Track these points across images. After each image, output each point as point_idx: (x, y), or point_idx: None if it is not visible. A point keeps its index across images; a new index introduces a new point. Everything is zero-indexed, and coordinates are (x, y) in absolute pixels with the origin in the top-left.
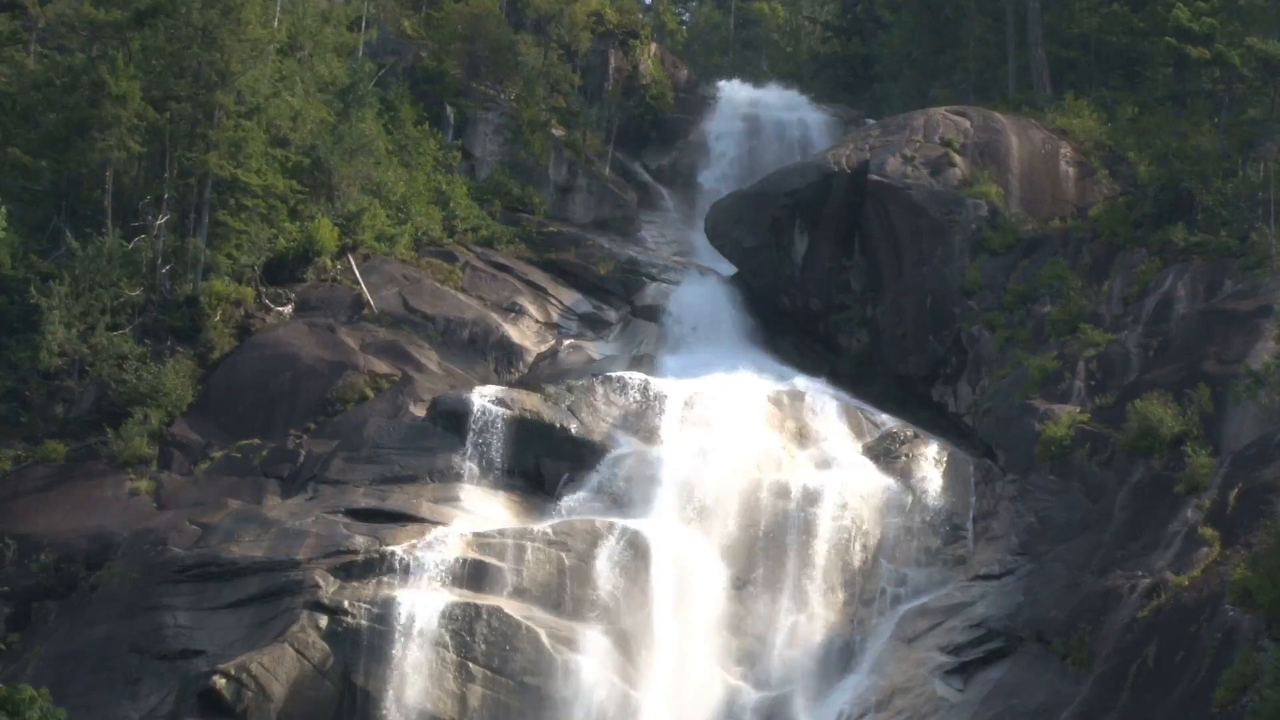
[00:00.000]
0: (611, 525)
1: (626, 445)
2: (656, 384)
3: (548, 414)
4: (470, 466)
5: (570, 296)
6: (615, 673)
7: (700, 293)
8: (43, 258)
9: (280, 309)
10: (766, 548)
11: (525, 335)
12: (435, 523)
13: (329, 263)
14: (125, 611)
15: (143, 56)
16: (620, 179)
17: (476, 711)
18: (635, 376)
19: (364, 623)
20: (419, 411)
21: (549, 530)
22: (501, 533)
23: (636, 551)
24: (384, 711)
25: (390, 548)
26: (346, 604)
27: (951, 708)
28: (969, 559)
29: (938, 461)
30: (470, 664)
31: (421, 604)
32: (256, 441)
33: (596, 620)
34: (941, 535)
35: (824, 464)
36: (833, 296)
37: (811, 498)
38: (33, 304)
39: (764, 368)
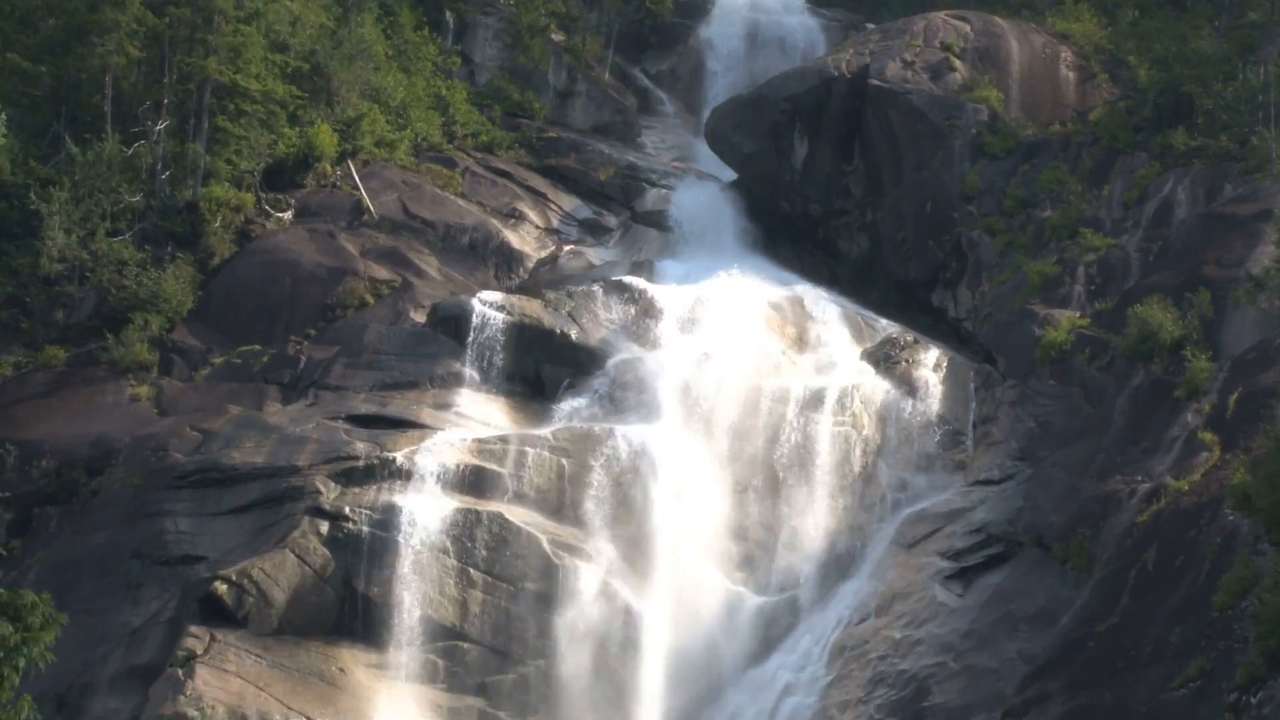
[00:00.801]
0: (611, 431)
1: (626, 351)
2: (656, 290)
3: (548, 320)
4: (470, 372)
5: (570, 202)
6: (615, 578)
7: (700, 198)
8: (43, 163)
9: (280, 215)
10: (766, 453)
11: (525, 241)
12: (435, 428)
13: (329, 168)
14: (126, 517)
15: None
16: (620, 84)
17: (477, 617)
18: (635, 282)
19: (365, 529)
20: (419, 317)
21: (549, 436)
22: (502, 439)
23: (636, 457)
24: (385, 617)
25: (391, 454)
26: (347, 510)
27: (951, 612)
28: (969, 464)
29: (938, 367)
30: (471, 570)
31: (422, 510)
32: (257, 347)
33: (596, 526)
34: (941, 441)
35: (824, 369)
36: (832, 202)
37: (812, 403)
38: (33, 210)
39: (764, 273)
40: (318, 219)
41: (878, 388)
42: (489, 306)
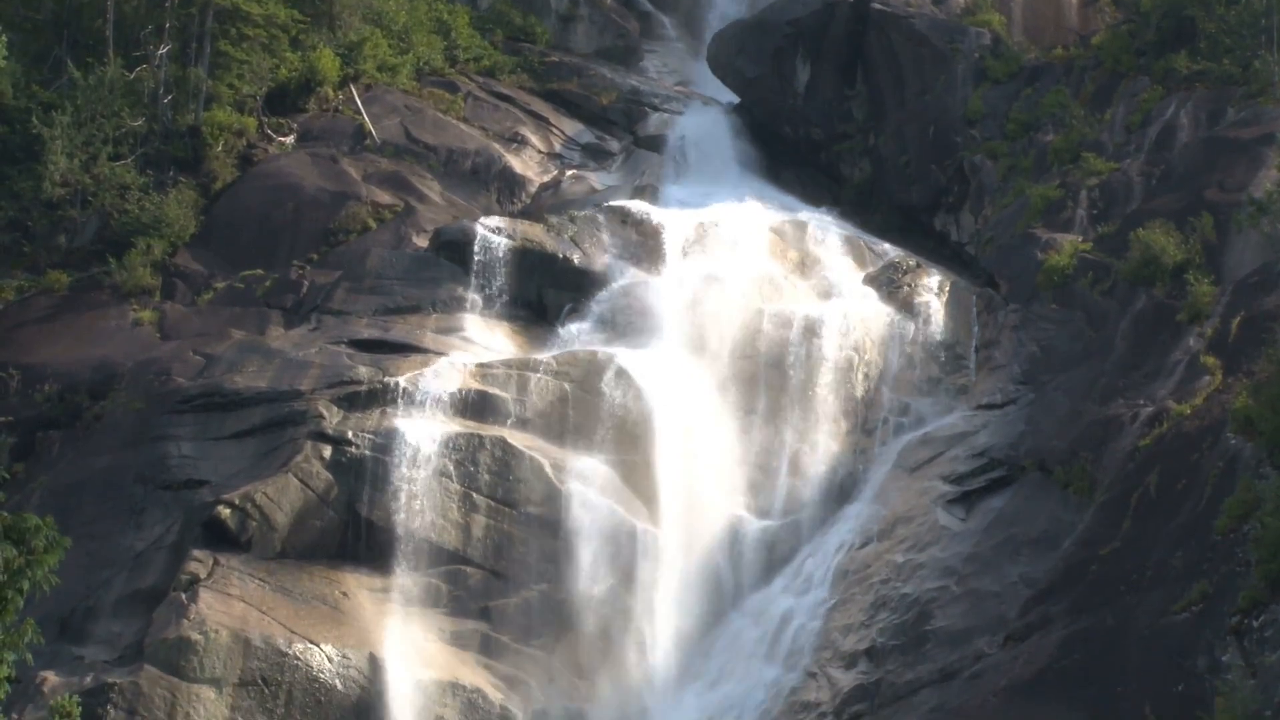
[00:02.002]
0: (614, 355)
1: (628, 275)
2: (659, 214)
3: (550, 244)
4: (473, 297)
5: (572, 127)
6: (618, 502)
7: (702, 123)
8: (44, 88)
9: (282, 139)
10: (769, 378)
11: (527, 165)
12: (438, 353)
13: (331, 93)
14: (129, 441)
15: None
16: (622, 8)
17: (480, 541)
18: (637, 207)
19: (367, 453)
20: (421, 242)
21: (551, 360)
22: (504, 363)
23: (639, 381)
24: (388, 541)
25: (393, 378)
26: (350, 434)
27: (953, 536)
28: (971, 388)
29: (940, 291)
30: (474, 494)
31: (425, 434)
32: (259, 272)
33: (599, 450)
34: (944, 365)
35: (826, 294)
36: (835, 126)
37: (814, 327)
38: (35, 134)
39: (766, 198)
40: (320, 143)
41: (880, 312)
42: (491, 231)
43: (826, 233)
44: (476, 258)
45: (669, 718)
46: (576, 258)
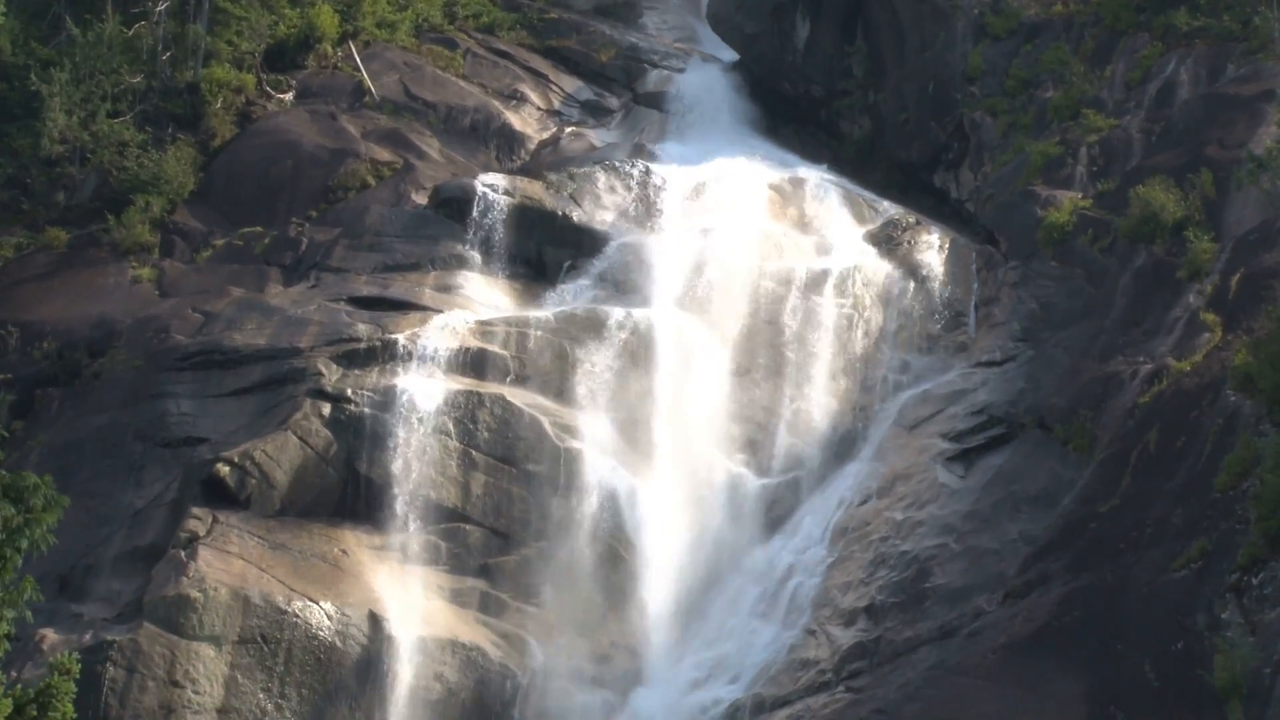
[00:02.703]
0: (613, 313)
1: (628, 233)
2: (658, 171)
3: (549, 201)
4: (472, 254)
5: (571, 83)
6: (617, 460)
7: (702, 80)
8: (43, 44)
9: (281, 96)
10: (768, 335)
11: (527, 123)
12: (437, 310)
13: (329, 50)
14: (128, 399)
15: None
16: None
17: (479, 499)
18: (637, 164)
19: (367, 410)
20: (420, 199)
21: (551, 318)
22: (504, 320)
23: (638, 339)
24: (387, 499)
25: (393, 335)
26: (349, 392)
27: (953, 494)
28: (970, 346)
29: (940, 248)
30: (473, 451)
31: (424, 392)
32: (258, 229)
33: (598, 408)
34: (943, 322)
35: (826, 251)
36: (834, 83)
37: (813, 285)
38: (33, 91)
39: (766, 155)
40: (319, 100)
41: (879, 269)
42: (490, 188)
43: (826, 190)
44: (476, 215)
45: (668, 675)
46: (576, 215)
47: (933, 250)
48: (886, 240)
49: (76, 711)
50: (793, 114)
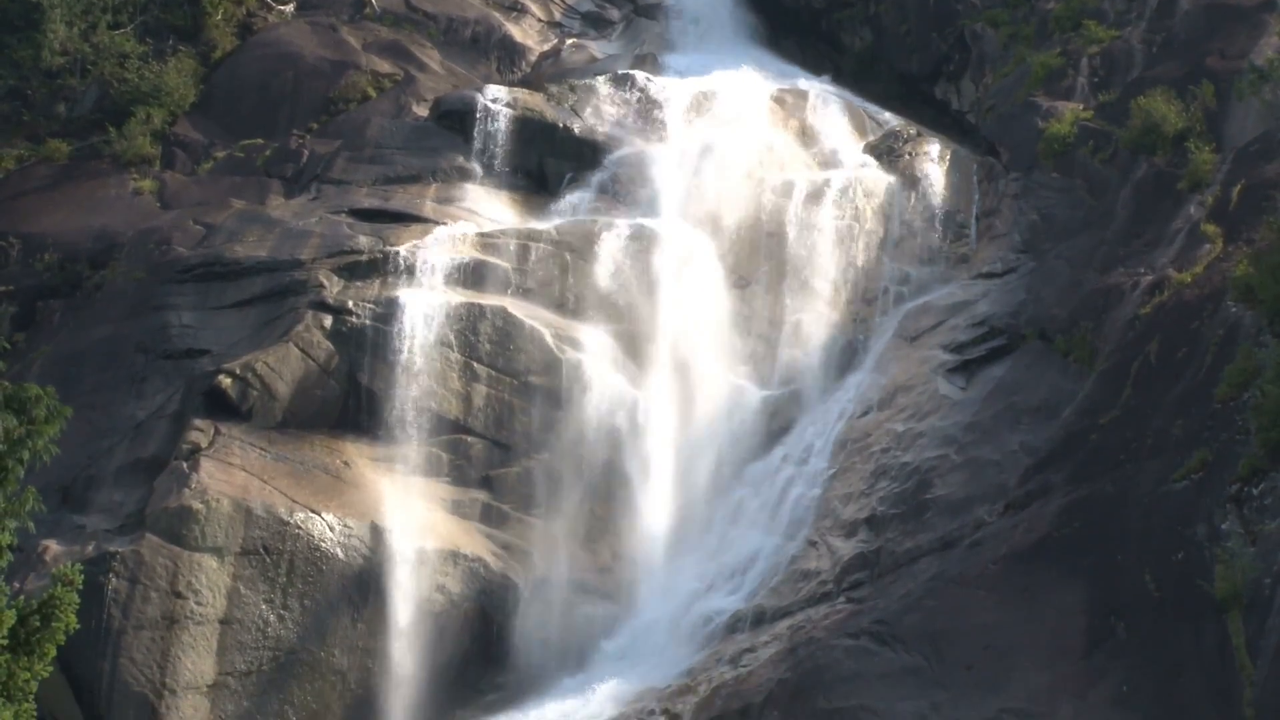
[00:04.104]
0: (614, 225)
1: (629, 145)
2: (659, 83)
3: (550, 113)
4: (473, 166)
5: None
6: (619, 372)
7: None
8: None
9: (281, 8)
10: (769, 247)
11: (527, 34)
12: (438, 222)
13: None
14: (130, 311)
15: None
16: None
17: (481, 410)
18: (638, 76)
19: (368, 322)
20: (421, 111)
21: (552, 230)
22: (505, 232)
23: (639, 251)
24: (389, 410)
25: (394, 248)
26: (351, 304)
27: (954, 405)
28: (971, 257)
29: (941, 159)
30: (474, 363)
31: (425, 304)
32: (259, 141)
33: (600, 320)
34: (944, 233)
35: (827, 163)
36: None
37: (814, 197)
38: (34, 2)
39: (767, 67)
40: (319, 12)
41: (880, 181)
42: (491, 100)
43: (827, 101)
44: (477, 127)
45: (669, 587)
46: (577, 127)
47: (934, 162)
48: (887, 152)
49: (79, 622)
50: (793, 25)
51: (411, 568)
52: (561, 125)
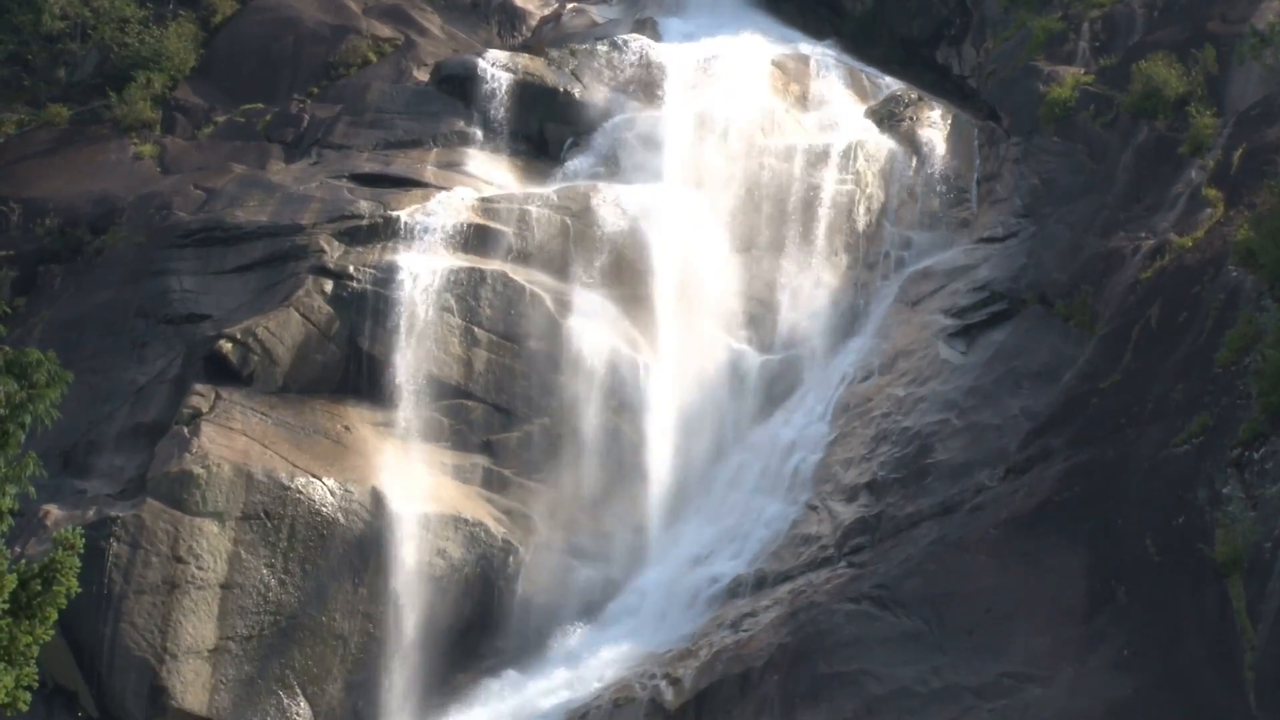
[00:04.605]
0: (614, 190)
1: (629, 110)
2: (659, 48)
3: (551, 78)
4: (474, 131)
5: None
6: (619, 337)
7: None
8: None
9: None
10: (770, 212)
11: None
12: (439, 187)
13: None
14: (131, 276)
15: None
16: None
17: (481, 375)
18: (638, 40)
19: (369, 287)
20: (422, 76)
21: (552, 195)
22: (506, 197)
23: (640, 216)
24: (390, 375)
25: (394, 212)
26: (351, 269)
27: (954, 370)
28: (972, 222)
29: (942, 124)
30: (475, 328)
31: (426, 268)
32: (260, 106)
33: (600, 285)
34: (945, 198)
35: (828, 127)
36: None
37: (815, 161)
38: None
39: (768, 31)
40: None
41: (881, 145)
42: (492, 65)
43: (828, 66)
44: (477, 91)
45: (670, 551)
46: (577, 92)
47: (935, 126)
48: (889, 116)
49: (81, 586)
50: None
51: (412, 532)
52: (562, 90)
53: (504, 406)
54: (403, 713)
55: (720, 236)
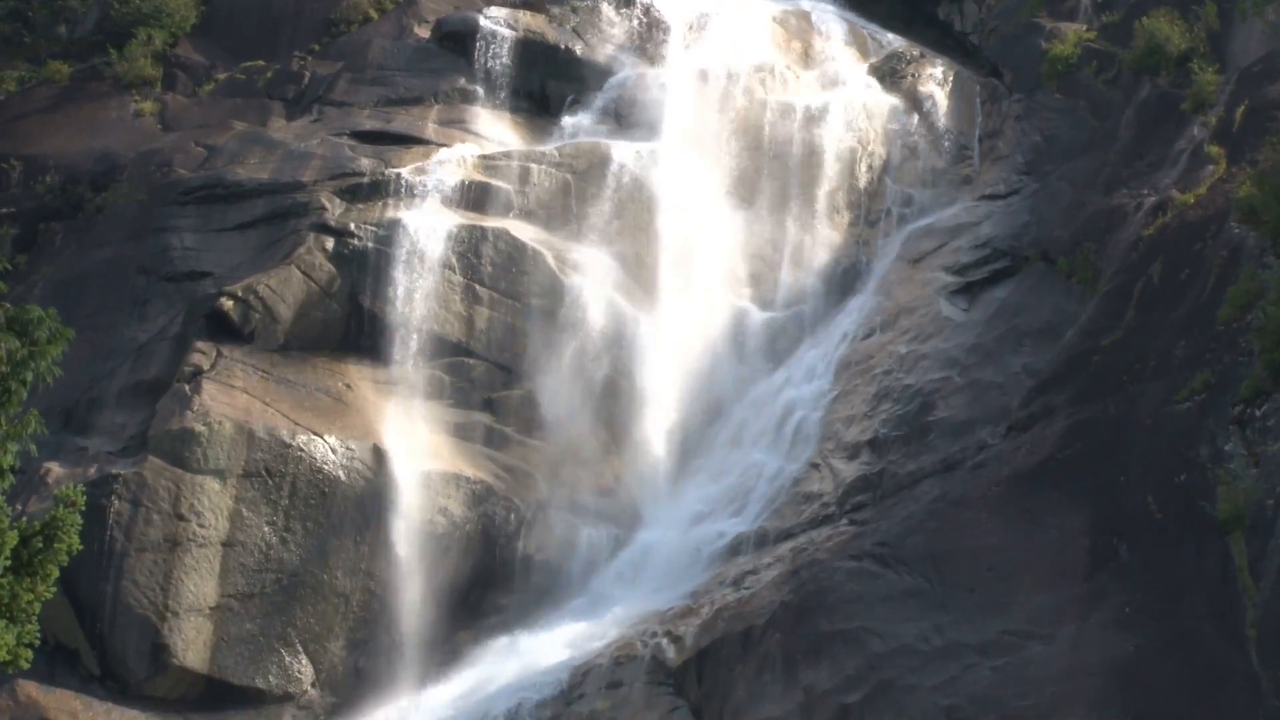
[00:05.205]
0: (616, 147)
1: (631, 66)
2: (661, 5)
3: (552, 35)
4: (475, 89)
5: None
6: (620, 294)
7: None
8: None
9: None
10: (771, 169)
11: None
12: (440, 144)
13: None
14: (132, 233)
15: None
16: None
17: (483, 333)
18: None
19: (370, 245)
20: (423, 33)
21: (554, 152)
22: (507, 155)
23: (641, 173)
24: (391, 333)
25: (396, 170)
26: (352, 226)
27: (956, 327)
28: (974, 179)
29: (944, 81)
30: (477, 286)
31: (427, 226)
32: (260, 63)
33: (602, 242)
34: (947, 155)
35: (830, 85)
36: None
37: (817, 118)
38: None
39: None
40: None
41: (883, 102)
42: (494, 21)
43: (829, 23)
44: (479, 49)
45: (671, 509)
46: (579, 49)
47: (937, 84)
48: (890, 73)
49: (82, 544)
50: None
51: (414, 490)
52: (564, 47)
53: (505, 364)
54: (405, 670)
55: (722, 194)
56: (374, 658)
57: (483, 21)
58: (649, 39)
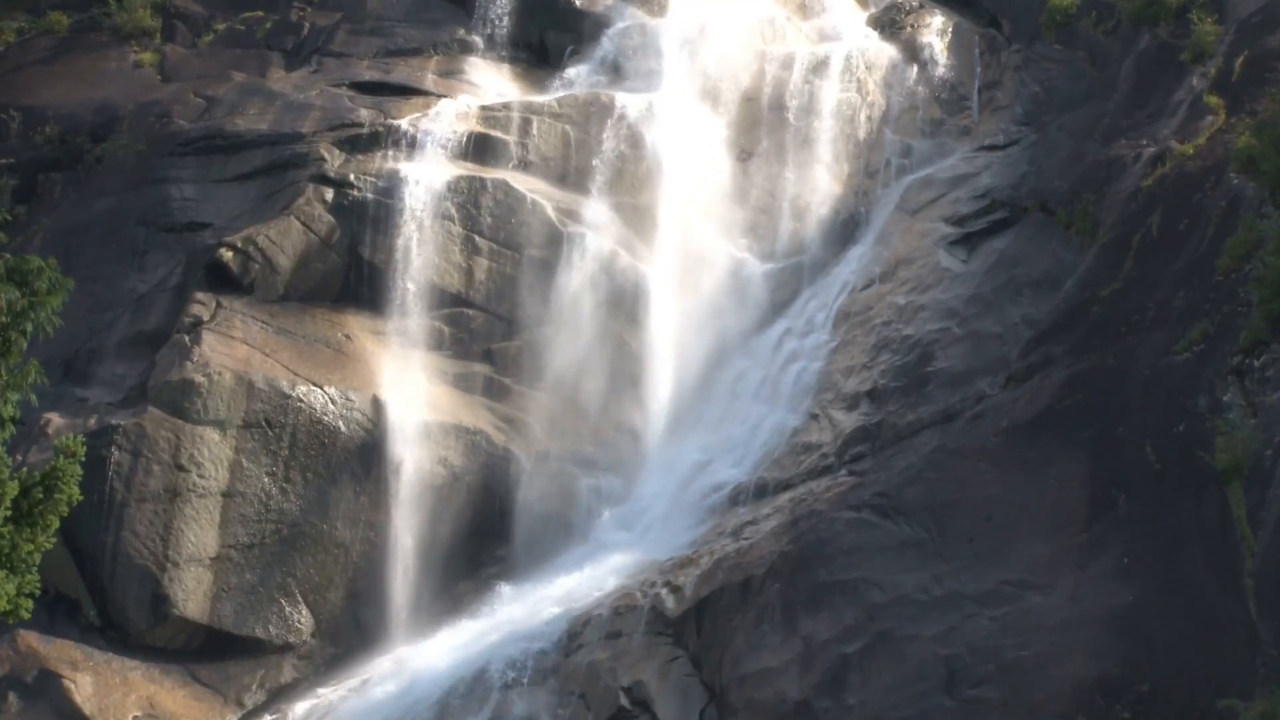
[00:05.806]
0: (615, 98)
1: (630, 17)
2: None
3: None
4: (475, 39)
5: None
6: (620, 245)
7: None
8: None
9: None
10: (770, 120)
11: None
12: (440, 95)
13: None
14: (131, 184)
15: None
16: None
17: (482, 284)
18: None
19: (370, 195)
20: None
21: (554, 103)
22: (506, 106)
23: (641, 124)
24: (391, 284)
25: (395, 121)
26: (352, 177)
27: (955, 278)
28: (973, 129)
29: (943, 32)
30: (476, 237)
31: (427, 177)
32: (260, 14)
33: (601, 193)
34: (946, 106)
35: (829, 35)
36: None
37: (816, 69)
38: None
39: None
40: None
41: (883, 53)
42: None
43: None
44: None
45: (671, 460)
46: (578, 0)
47: (936, 34)
48: (890, 24)
49: (82, 494)
50: None
51: (413, 441)
52: None
53: (505, 315)
54: (404, 621)
55: (721, 144)
56: (374, 608)
57: None
58: None
